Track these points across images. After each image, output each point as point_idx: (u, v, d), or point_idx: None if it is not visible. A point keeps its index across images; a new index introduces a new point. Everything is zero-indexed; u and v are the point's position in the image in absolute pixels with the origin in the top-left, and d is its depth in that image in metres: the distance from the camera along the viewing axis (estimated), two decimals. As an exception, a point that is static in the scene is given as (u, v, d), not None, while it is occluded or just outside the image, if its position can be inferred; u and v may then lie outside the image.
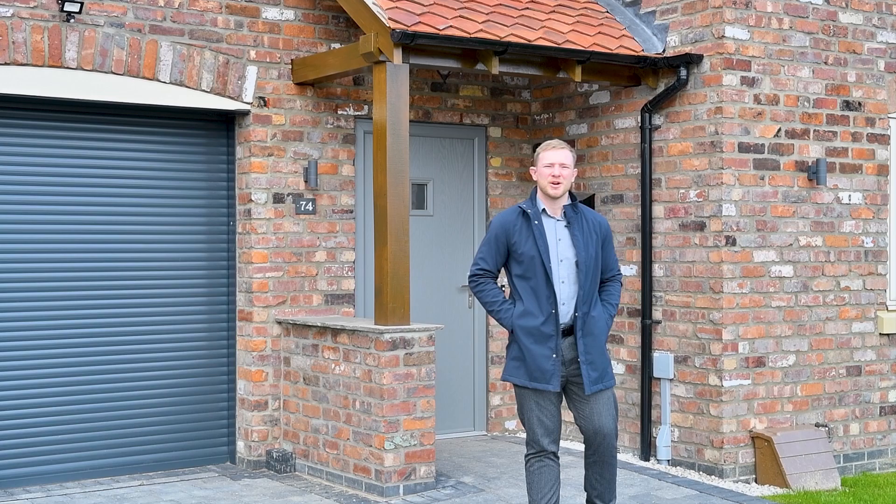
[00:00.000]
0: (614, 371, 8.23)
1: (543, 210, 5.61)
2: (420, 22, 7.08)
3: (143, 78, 7.40)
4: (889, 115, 8.34)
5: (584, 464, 5.83)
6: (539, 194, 5.65)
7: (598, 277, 5.67)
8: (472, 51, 7.36)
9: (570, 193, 5.71)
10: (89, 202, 7.51)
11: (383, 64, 7.04)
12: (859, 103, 8.17)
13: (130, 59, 7.34)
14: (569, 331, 5.57)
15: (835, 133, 8.05)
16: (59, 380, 7.40)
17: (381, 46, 7.00)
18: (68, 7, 7.02)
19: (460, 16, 7.39)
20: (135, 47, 7.36)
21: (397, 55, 7.00)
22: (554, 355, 5.51)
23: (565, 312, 5.55)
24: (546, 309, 5.52)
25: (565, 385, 5.62)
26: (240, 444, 7.91)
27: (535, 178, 5.67)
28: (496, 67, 7.40)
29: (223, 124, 7.97)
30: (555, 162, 5.57)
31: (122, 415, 7.62)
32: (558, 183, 5.56)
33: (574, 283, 5.56)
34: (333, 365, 7.38)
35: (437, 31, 7.08)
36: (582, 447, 8.42)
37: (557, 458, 5.70)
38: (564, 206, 5.64)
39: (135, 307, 7.68)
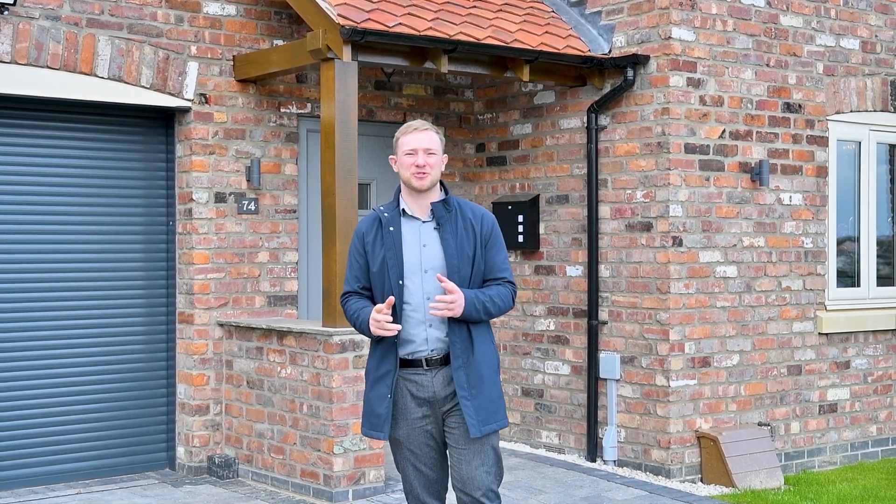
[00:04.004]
0: (559, 372, 8.24)
1: (403, 210, 4.51)
2: (369, 19, 6.96)
3: (81, 73, 7.16)
4: (827, 118, 8.45)
5: None
6: (403, 190, 4.55)
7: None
8: (420, 49, 7.27)
9: (443, 186, 4.58)
10: (21, 200, 7.24)
11: (331, 61, 6.91)
12: (799, 105, 8.26)
13: (67, 53, 7.10)
14: (440, 361, 4.44)
15: (776, 135, 8.13)
16: (-8, 385, 7.14)
17: (330, 43, 6.87)
18: (2, -1, 6.77)
19: (409, 13, 7.29)
20: (71, 41, 7.12)
21: (346, 52, 6.88)
22: (389, 395, 4.43)
23: (434, 337, 4.42)
24: (387, 338, 4.41)
25: (441, 428, 4.52)
26: (180, 450, 7.71)
27: (395, 169, 4.56)
28: (445, 66, 7.31)
29: (162, 122, 7.76)
30: (417, 148, 4.44)
31: (57, 420, 7.37)
32: (423, 174, 4.44)
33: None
34: (279, 368, 7.22)
35: (386, 29, 6.97)
36: (525, 448, 8.39)
37: None
38: (433, 203, 4.49)
39: (69, 309, 7.43)
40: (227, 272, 7.71)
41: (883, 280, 8.97)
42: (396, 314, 4.40)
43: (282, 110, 7.96)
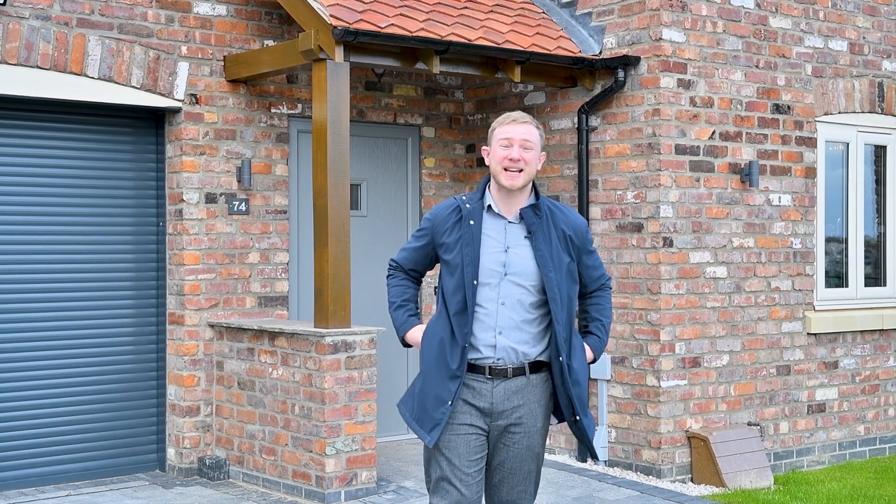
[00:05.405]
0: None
1: (489, 207, 4.15)
2: (361, 20, 6.96)
3: (71, 73, 7.13)
4: (816, 119, 8.49)
5: None
6: (491, 184, 4.18)
7: (575, 302, 4.21)
8: (412, 49, 7.27)
9: (535, 188, 4.21)
10: (9, 201, 7.21)
11: (323, 62, 6.90)
12: (788, 107, 8.30)
13: (57, 53, 7.07)
14: (506, 372, 4.12)
15: (765, 136, 8.16)
16: (-19, 387, 7.10)
17: (322, 44, 6.86)
18: (-8, -2, 6.73)
19: (401, 14, 7.28)
20: (62, 41, 7.09)
21: (338, 53, 6.87)
22: (450, 402, 4.08)
23: (503, 346, 4.09)
24: (458, 340, 4.09)
25: (487, 442, 4.21)
26: (170, 452, 7.68)
27: (487, 161, 4.17)
28: (437, 67, 7.31)
29: (153, 122, 7.73)
30: (513, 138, 4.08)
31: (46, 422, 7.33)
32: (518, 170, 4.07)
33: (529, 311, 4.12)
34: (271, 369, 7.21)
35: (379, 30, 6.97)
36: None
37: None
38: (522, 209, 4.13)
39: (59, 310, 7.40)
40: (218, 273, 7.69)
41: (870, 280, 9.01)
42: (467, 315, 4.08)
43: (272, 111, 7.95)
